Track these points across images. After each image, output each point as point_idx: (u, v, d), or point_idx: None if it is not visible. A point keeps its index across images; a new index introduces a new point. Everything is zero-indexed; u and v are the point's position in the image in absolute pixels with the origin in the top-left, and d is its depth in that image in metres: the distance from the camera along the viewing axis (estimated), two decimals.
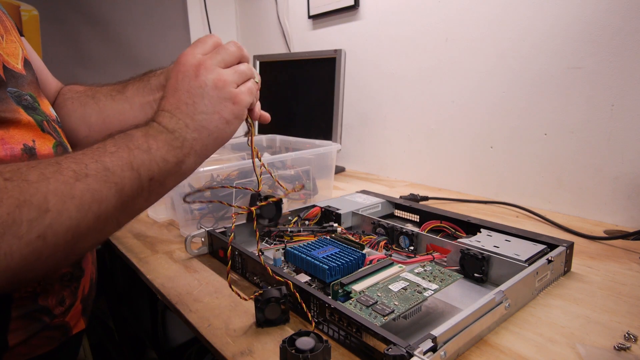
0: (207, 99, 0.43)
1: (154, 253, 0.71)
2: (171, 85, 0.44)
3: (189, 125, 0.42)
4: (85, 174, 0.36)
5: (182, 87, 0.43)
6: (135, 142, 0.40)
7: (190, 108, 0.43)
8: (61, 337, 0.50)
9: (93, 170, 0.37)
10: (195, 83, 0.43)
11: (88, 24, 1.44)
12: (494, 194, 0.99)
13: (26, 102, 0.49)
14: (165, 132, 0.42)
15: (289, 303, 0.48)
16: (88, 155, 0.38)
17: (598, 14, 0.77)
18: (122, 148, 0.39)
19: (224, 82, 0.44)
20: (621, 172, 0.78)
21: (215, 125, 0.44)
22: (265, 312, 0.47)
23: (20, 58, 0.52)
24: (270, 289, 0.48)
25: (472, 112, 1.01)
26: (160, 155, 0.41)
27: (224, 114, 0.44)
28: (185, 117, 0.43)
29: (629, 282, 0.57)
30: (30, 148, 0.46)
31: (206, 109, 0.43)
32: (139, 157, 0.39)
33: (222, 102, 0.44)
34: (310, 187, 0.92)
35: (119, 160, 0.38)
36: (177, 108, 0.43)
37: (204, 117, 0.43)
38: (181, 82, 0.44)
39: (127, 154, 0.39)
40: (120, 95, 0.63)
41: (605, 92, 0.78)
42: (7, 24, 0.53)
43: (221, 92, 0.44)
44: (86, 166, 0.37)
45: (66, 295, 0.50)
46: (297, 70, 1.33)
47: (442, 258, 0.61)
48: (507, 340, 0.44)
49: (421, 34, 1.10)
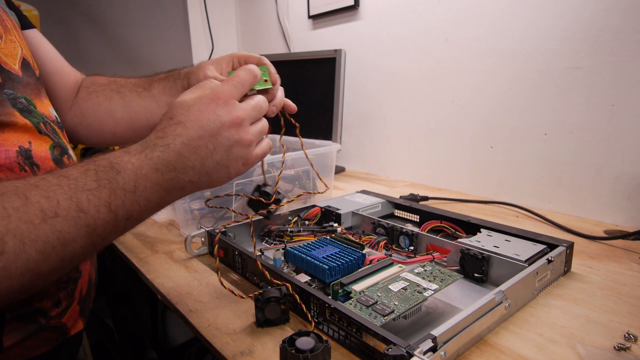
0: (227, 152, 0.42)
1: (154, 253, 0.71)
2: (196, 116, 0.41)
3: (195, 168, 0.40)
4: (55, 213, 0.32)
5: (209, 127, 0.40)
6: (121, 180, 0.36)
7: (208, 153, 0.40)
8: (58, 338, 0.49)
9: (64, 209, 0.33)
10: (225, 132, 0.41)
11: (88, 24, 1.45)
12: (494, 194, 0.99)
13: (21, 105, 0.48)
14: (161, 171, 0.38)
15: (289, 303, 0.48)
16: (63, 188, 0.34)
17: (598, 14, 0.77)
18: (103, 186, 0.35)
19: (249, 143, 0.43)
20: (621, 172, 0.78)
21: (219, 176, 0.42)
22: (265, 312, 0.47)
23: (18, 58, 0.51)
24: (270, 289, 0.48)
25: (472, 112, 1.01)
26: (145, 197, 0.38)
27: (232, 171, 0.43)
28: (196, 160, 0.40)
29: (629, 282, 0.57)
30: (26, 150, 0.46)
31: (220, 160, 0.41)
32: (121, 198, 0.36)
33: (237, 160, 0.43)
34: (310, 187, 0.92)
35: (96, 199, 0.34)
36: (195, 148, 0.40)
37: (214, 167, 0.41)
38: (211, 121, 0.41)
39: (107, 194, 0.35)
40: (146, 92, 0.63)
41: (605, 92, 0.78)
42: (8, 23, 0.53)
43: (241, 151, 0.43)
44: (57, 204, 0.33)
45: (62, 297, 0.49)
46: (297, 70, 1.33)
47: (442, 258, 0.61)
48: (507, 340, 0.44)
49: (421, 34, 1.10)
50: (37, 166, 0.47)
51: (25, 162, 0.46)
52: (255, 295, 0.47)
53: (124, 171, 0.37)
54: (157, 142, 0.39)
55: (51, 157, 0.49)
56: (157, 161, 0.38)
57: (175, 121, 0.41)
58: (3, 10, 0.53)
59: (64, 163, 0.51)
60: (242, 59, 0.58)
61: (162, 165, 0.38)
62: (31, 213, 0.31)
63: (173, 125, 0.40)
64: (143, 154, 0.38)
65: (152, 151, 0.39)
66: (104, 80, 0.67)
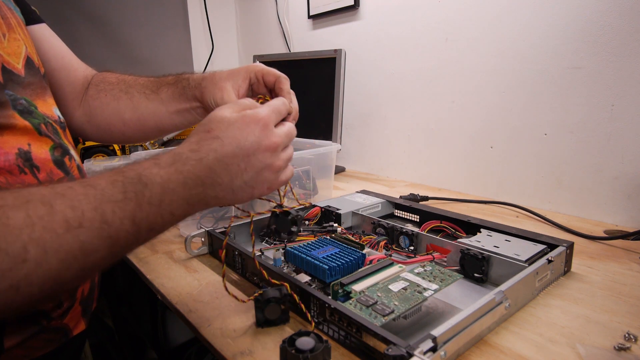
0: (257, 174, 0.42)
1: (154, 253, 0.71)
2: (235, 134, 0.40)
3: (222, 185, 0.40)
4: (79, 223, 0.32)
5: (246, 147, 0.40)
6: (148, 194, 0.36)
7: (238, 172, 0.40)
8: (60, 339, 0.49)
9: (89, 220, 0.33)
10: (260, 155, 0.41)
11: (88, 24, 1.45)
12: (494, 194, 0.99)
13: (21, 107, 0.47)
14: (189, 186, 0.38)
15: (288, 303, 0.48)
16: (89, 198, 0.33)
17: (598, 14, 0.77)
18: (130, 198, 0.35)
19: (278, 169, 0.44)
20: (621, 172, 0.78)
21: (242, 196, 0.42)
22: (265, 312, 0.47)
23: (22, 57, 0.51)
24: (270, 290, 0.48)
25: (472, 112, 1.01)
26: (170, 210, 0.38)
27: (256, 192, 0.43)
28: (225, 176, 0.40)
29: (629, 282, 0.57)
30: (25, 152, 0.46)
31: (249, 181, 0.41)
32: (146, 211, 0.36)
33: (264, 183, 0.43)
34: (310, 187, 0.92)
35: (121, 211, 0.34)
36: (227, 165, 0.40)
37: (241, 186, 0.41)
38: (249, 142, 0.41)
39: (133, 206, 0.35)
40: (154, 95, 0.62)
41: (605, 92, 0.78)
42: (12, 21, 0.52)
43: (269, 175, 0.43)
44: (82, 214, 0.32)
45: (64, 298, 0.49)
46: (297, 70, 1.33)
47: (442, 258, 0.61)
48: (507, 340, 0.44)
49: (421, 34, 1.10)
50: (37, 168, 0.47)
51: (24, 165, 0.45)
52: (255, 297, 0.47)
53: (151, 184, 0.36)
54: (190, 155, 0.39)
55: (51, 159, 0.49)
56: (186, 175, 0.38)
57: (212, 135, 0.40)
58: (7, 8, 0.52)
59: (65, 164, 0.51)
60: (259, 74, 0.56)
61: (190, 180, 0.38)
62: (55, 222, 0.31)
63: (210, 140, 0.40)
64: (173, 167, 0.38)
65: (183, 164, 0.38)
66: (113, 78, 0.67)
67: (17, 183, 0.44)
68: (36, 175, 0.46)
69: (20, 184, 0.44)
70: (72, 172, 0.52)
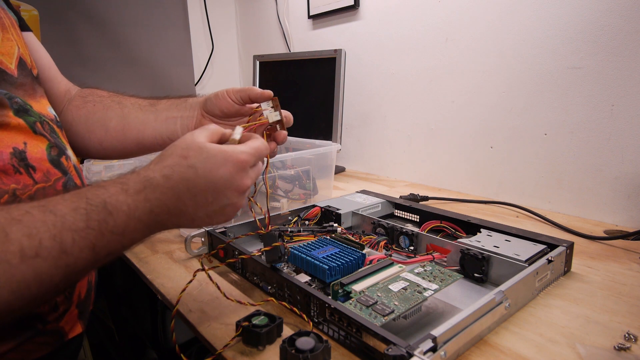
0: (220, 209, 0.42)
1: (154, 253, 0.71)
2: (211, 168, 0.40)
3: (186, 214, 0.40)
4: (35, 253, 0.30)
5: (218, 185, 0.40)
6: (112, 223, 0.35)
7: (204, 204, 0.40)
8: (55, 342, 0.48)
9: (46, 249, 0.31)
10: (229, 193, 0.41)
11: (88, 24, 1.44)
12: (494, 194, 0.99)
13: (16, 105, 0.47)
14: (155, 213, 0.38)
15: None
16: (47, 226, 0.32)
17: (598, 14, 0.77)
18: (92, 227, 0.34)
19: (240, 206, 0.44)
20: (621, 172, 0.78)
21: (200, 224, 0.43)
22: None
23: (15, 57, 0.51)
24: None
25: (472, 112, 1.01)
26: (131, 237, 0.37)
27: (214, 221, 0.43)
28: (191, 206, 0.40)
29: (629, 282, 0.57)
30: (20, 151, 0.45)
31: (211, 213, 0.42)
32: (107, 239, 0.35)
33: (222, 216, 0.43)
34: (310, 187, 0.92)
35: (82, 240, 0.33)
36: (195, 195, 0.39)
37: (202, 216, 0.41)
38: (222, 180, 0.40)
39: (94, 235, 0.34)
40: (150, 107, 0.63)
41: (605, 92, 0.78)
42: (6, 21, 0.52)
43: (230, 211, 0.43)
44: (40, 243, 0.31)
45: (60, 302, 0.48)
46: (297, 70, 1.33)
47: (442, 258, 0.61)
48: (507, 340, 0.44)
49: (421, 34, 1.10)
50: (33, 168, 0.46)
51: (19, 164, 0.45)
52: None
53: (116, 213, 0.35)
54: (162, 182, 0.38)
55: (47, 158, 0.48)
56: (154, 203, 0.38)
57: (188, 163, 0.40)
58: (2, 9, 0.52)
59: (62, 164, 0.50)
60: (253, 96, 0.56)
61: (157, 208, 0.38)
62: (9, 252, 0.30)
63: (184, 168, 0.40)
64: (142, 194, 0.37)
65: (152, 191, 0.38)
66: (104, 92, 0.67)
67: (12, 183, 0.43)
68: (32, 175, 0.46)
69: (15, 184, 0.44)
70: (69, 172, 0.51)
